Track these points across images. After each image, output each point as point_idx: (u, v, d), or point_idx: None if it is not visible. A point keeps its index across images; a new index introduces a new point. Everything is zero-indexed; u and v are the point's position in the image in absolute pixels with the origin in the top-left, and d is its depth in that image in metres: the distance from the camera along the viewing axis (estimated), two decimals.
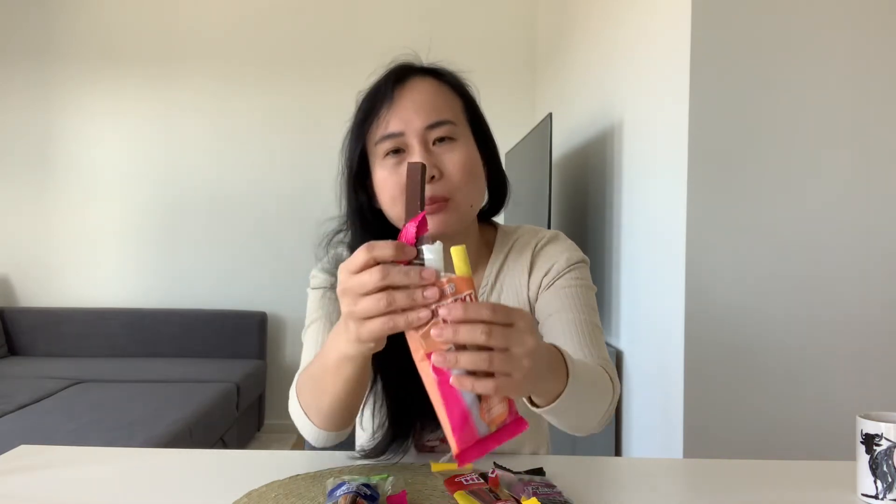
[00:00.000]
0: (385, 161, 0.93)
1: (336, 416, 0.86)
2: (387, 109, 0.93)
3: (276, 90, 3.92)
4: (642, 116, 2.09)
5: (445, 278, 0.60)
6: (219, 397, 2.96)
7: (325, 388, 0.83)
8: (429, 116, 0.92)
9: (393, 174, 0.92)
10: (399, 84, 0.94)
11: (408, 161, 0.88)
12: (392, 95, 0.93)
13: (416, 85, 0.95)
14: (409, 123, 0.92)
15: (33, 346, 3.80)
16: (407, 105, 0.93)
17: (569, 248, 1.04)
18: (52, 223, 3.94)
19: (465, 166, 0.93)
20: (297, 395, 0.90)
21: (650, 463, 1.07)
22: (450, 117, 0.94)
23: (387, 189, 0.93)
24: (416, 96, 0.93)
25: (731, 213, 1.70)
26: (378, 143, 0.93)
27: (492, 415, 0.61)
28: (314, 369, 0.85)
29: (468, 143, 0.96)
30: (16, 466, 0.96)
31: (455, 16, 3.91)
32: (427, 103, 0.93)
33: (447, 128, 0.93)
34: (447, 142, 0.93)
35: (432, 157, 0.92)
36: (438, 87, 0.96)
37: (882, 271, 1.70)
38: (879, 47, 1.69)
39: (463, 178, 0.93)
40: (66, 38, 3.91)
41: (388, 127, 0.92)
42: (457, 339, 0.58)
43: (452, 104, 0.96)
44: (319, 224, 1.02)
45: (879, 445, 0.83)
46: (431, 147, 0.92)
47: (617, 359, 2.28)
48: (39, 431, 2.33)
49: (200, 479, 0.94)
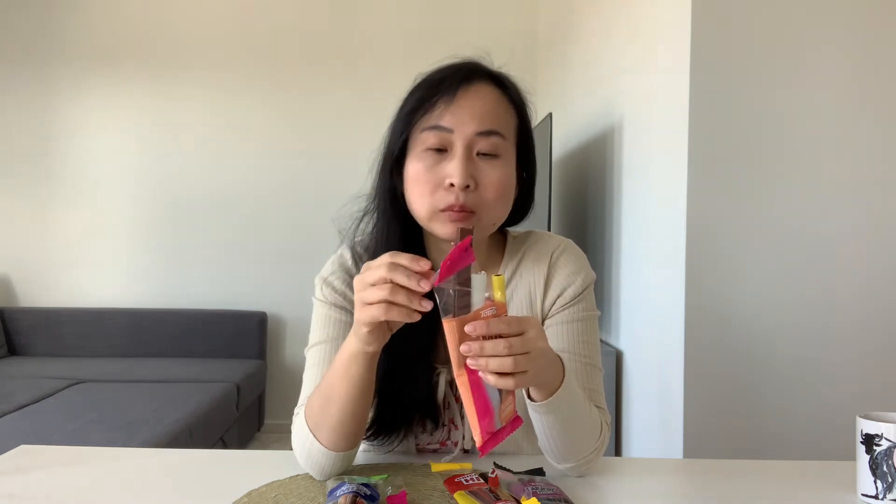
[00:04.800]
0: (424, 154, 0.91)
1: (344, 427, 0.87)
2: (445, 103, 0.90)
3: (276, 90, 3.92)
4: (642, 116, 2.09)
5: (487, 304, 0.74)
6: (219, 397, 2.96)
7: (332, 395, 0.85)
8: (482, 123, 0.90)
9: (429, 172, 0.91)
10: (465, 83, 0.92)
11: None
12: (455, 92, 0.91)
13: (479, 88, 0.93)
14: (461, 123, 0.90)
15: (33, 346, 3.79)
16: (464, 105, 0.90)
17: (584, 268, 1.04)
18: (52, 223, 3.94)
19: (501, 186, 0.92)
20: (305, 415, 0.90)
21: (650, 463, 1.07)
22: (502, 130, 0.92)
23: (419, 185, 0.91)
24: (477, 101, 0.91)
25: (731, 212, 1.70)
26: (425, 131, 0.91)
27: (505, 413, 0.75)
28: (322, 384, 0.88)
29: (510, 162, 0.94)
30: (16, 466, 0.96)
31: (455, 16, 3.91)
32: (485, 110, 0.91)
33: (495, 140, 0.91)
34: (491, 157, 0.92)
35: (472, 166, 0.90)
36: (500, 98, 0.94)
37: (882, 271, 1.70)
38: (880, 47, 1.69)
39: (495, 197, 0.92)
40: (66, 38, 3.91)
41: (440, 119, 0.90)
42: (483, 353, 0.71)
43: (508, 118, 0.95)
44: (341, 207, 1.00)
45: (879, 445, 0.83)
46: (474, 156, 0.91)
47: (617, 359, 2.28)
48: (39, 431, 2.33)
49: (200, 479, 0.94)
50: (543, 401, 0.83)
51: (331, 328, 0.99)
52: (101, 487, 0.90)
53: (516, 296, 1.03)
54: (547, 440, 0.89)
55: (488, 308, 0.73)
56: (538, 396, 0.84)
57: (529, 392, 0.85)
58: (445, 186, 0.90)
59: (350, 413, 0.86)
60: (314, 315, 1.02)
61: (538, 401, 0.84)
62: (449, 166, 0.90)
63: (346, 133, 3.86)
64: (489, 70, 0.96)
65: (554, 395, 0.83)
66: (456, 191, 0.89)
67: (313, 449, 0.89)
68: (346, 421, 0.86)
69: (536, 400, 0.84)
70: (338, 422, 0.86)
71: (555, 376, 0.83)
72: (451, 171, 0.89)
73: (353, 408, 0.86)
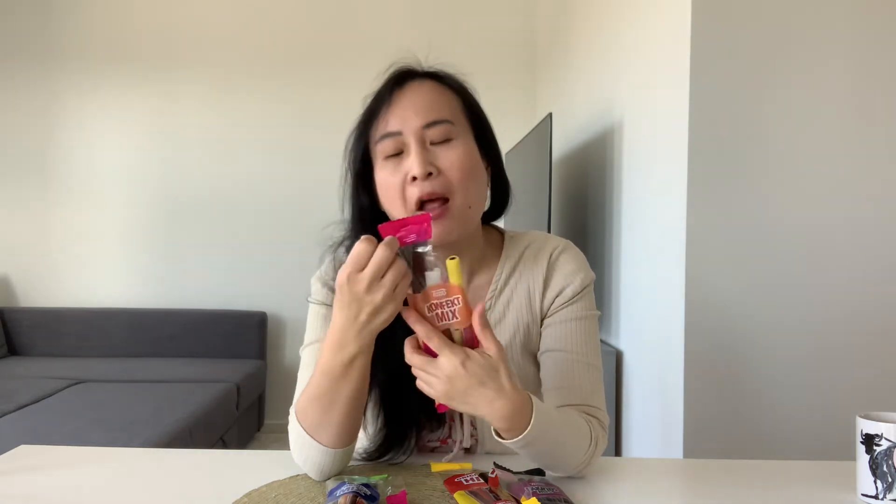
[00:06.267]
0: (385, 163, 0.95)
1: (345, 426, 0.87)
2: (385, 110, 0.95)
3: (276, 91, 3.92)
4: (642, 116, 2.09)
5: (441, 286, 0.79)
6: (219, 397, 2.96)
7: (333, 398, 0.86)
8: (426, 116, 0.93)
9: (393, 175, 0.94)
10: (398, 87, 0.96)
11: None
12: (391, 97, 0.95)
13: (414, 87, 0.96)
14: (406, 122, 0.93)
15: (33, 346, 3.80)
16: (405, 105, 0.94)
17: (583, 268, 1.04)
18: (52, 223, 3.94)
19: (464, 165, 0.93)
20: (300, 420, 0.90)
21: (650, 463, 1.07)
22: (448, 117, 0.95)
23: (388, 190, 0.95)
24: (415, 97, 0.95)
25: (731, 212, 1.70)
26: (378, 142, 0.95)
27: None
28: (315, 389, 0.87)
29: (467, 142, 0.96)
30: (16, 466, 0.97)
31: (455, 16, 3.91)
32: (425, 103, 0.94)
33: (445, 126, 0.94)
34: (445, 143, 0.94)
35: (429, 155, 0.92)
36: (437, 88, 0.97)
37: (882, 271, 1.70)
38: (880, 46, 1.69)
39: (461, 176, 0.93)
40: (66, 38, 3.91)
41: (386, 126, 0.94)
42: (414, 372, 0.82)
43: (451, 104, 0.97)
44: (321, 229, 1.02)
45: (879, 445, 0.83)
46: (428, 146, 0.93)
47: (617, 359, 2.28)
48: (39, 431, 2.33)
49: (200, 479, 0.94)
50: (511, 439, 0.82)
51: (326, 328, 0.99)
52: (101, 487, 0.90)
53: (516, 295, 1.03)
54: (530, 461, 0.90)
55: (440, 289, 0.78)
56: (505, 435, 0.83)
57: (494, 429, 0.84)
58: (409, 181, 0.92)
59: (354, 409, 0.87)
60: (310, 315, 1.03)
61: (505, 439, 0.83)
62: (408, 162, 0.92)
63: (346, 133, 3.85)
64: (419, 69, 0.99)
65: (522, 434, 0.81)
66: (419, 182, 0.91)
67: (313, 450, 0.89)
68: (348, 419, 0.87)
69: (504, 438, 0.83)
70: (340, 422, 0.87)
71: (517, 415, 0.80)
72: (409, 164, 0.92)
73: (358, 404, 0.87)
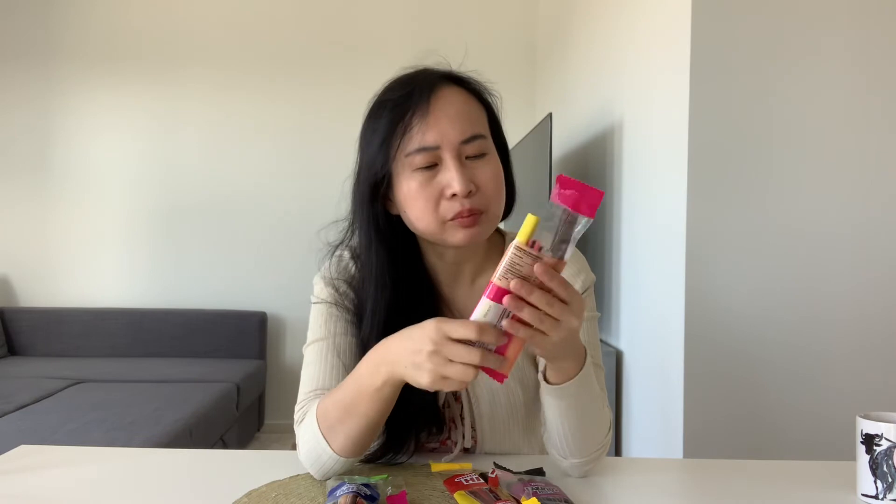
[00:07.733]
0: (415, 174, 0.91)
1: (362, 440, 0.88)
2: (420, 120, 0.89)
3: (276, 92, 3.92)
4: (642, 116, 2.09)
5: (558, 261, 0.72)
6: (219, 397, 2.96)
7: (359, 411, 0.85)
8: (464, 131, 0.90)
9: (424, 188, 0.90)
10: (432, 94, 0.91)
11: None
12: (427, 107, 0.90)
13: (446, 95, 0.92)
14: (444, 137, 0.89)
15: (33, 346, 3.80)
16: (439, 117, 0.90)
17: (583, 269, 1.04)
18: (52, 223, 3.94)
19: (497, 180, 0.93)
20: (318, 422, 0.89)
21: (650, 463, 1.07)
22: (481, 131, 0.93)
23: (418, 202, 0.91)
24: (449, 108, 0.91)
25: (731, 212, 1.70)
26: (410, 155, 0.90)
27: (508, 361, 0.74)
28: (344, 396, 0.87)
29: (495, 155, 0.95)
30: (16, 466, 0.97)
31: (455, 16, 3.91)
32: (460, 115, 0.91)
33: (480, 142, 0.92)
34: (479, 157, 0.92)
35: (467, 172, 0.90)
36: (467, 97, 0.94)
37: (881, 271, 1.70)
38: (880, 48, 1.69)
39: (495, 192, 0.93)
40: (67, 38, 3.91)
41: (423, 139, 0.89)
42: (529, 299, 0.70)
43: (479, 115, 0.95)
44: (320, 230, 1.01)
45: (879, 445, 0.83)
46: (464, 160, 0.91)
47: (617, 359, 2.28)
48: (39, 431, 2.33)
49: (200, 479, 0.94)
50: (561, 384, 0.85)
51: (331, 325, 1.00)
52: (101, 487, 0.90)
53: None
54: (559, 430, 0.90)
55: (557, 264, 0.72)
56: (556, 379, 0.85)
57: (546, 374, 0.86)
58: (447, 197, 0.90)
59: (373, 426, 0.87)
60: (313, 313, 1.02)
61: (556, 383, 0.85)
62: (445, 178, 0.89)
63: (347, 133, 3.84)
64: (446, 73, 0.96)
65: (571, 379, 0.84)
66: (460, 198, 0.89)
67: (323, 453, 0.89)
68: (365, 434, 0.87)
69: (554, 382, 0.85)
70: (357, 434, 0.87)
71: (574, 361, 0.84)
72: (450, 181, 0.89)
73: (377, 421, 0.87)
